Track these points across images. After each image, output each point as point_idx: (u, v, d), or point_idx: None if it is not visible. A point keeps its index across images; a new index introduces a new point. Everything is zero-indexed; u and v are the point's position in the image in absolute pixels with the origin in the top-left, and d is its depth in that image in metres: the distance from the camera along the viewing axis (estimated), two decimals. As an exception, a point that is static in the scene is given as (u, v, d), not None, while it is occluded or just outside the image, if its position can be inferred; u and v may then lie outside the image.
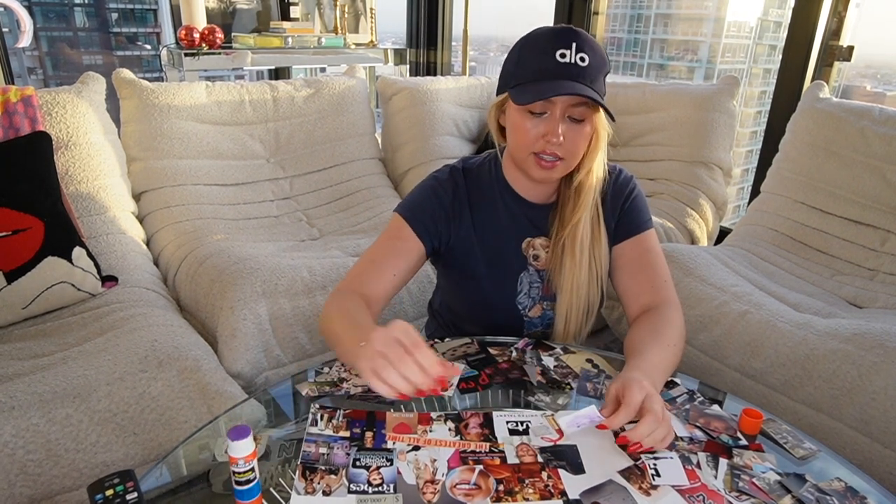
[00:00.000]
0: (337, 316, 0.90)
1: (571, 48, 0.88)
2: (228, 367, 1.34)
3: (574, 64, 0.88)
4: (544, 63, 0.89)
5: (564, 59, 0.88)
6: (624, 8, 13.57)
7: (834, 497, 0.70)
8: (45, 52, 14.69)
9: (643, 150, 2.24)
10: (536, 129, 0.92)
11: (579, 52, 0.88)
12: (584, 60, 0.88)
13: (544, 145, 0.92)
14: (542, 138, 0.92)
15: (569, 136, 0.92)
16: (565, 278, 1.02)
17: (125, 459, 1.05)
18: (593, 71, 0.89)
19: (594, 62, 0.89)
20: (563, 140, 0.91)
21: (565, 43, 0.88)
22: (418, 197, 1.05)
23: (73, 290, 1.36)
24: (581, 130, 0.92)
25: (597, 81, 0.90)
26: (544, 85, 0.88)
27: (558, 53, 0.88)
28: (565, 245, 1.02)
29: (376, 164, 2.31)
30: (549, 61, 0.88)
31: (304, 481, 0.70)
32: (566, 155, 0.93)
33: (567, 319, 1.05)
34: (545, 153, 0.92)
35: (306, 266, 1.52)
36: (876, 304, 1.48)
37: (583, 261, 1.01)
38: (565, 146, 0.92)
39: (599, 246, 1.03)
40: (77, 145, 1.60)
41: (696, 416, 0.84)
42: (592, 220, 1.02)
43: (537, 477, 0.71)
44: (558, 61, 0.88)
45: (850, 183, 1.70)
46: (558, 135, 0.90)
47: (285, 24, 2.89)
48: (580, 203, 1.00)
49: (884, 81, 5.74)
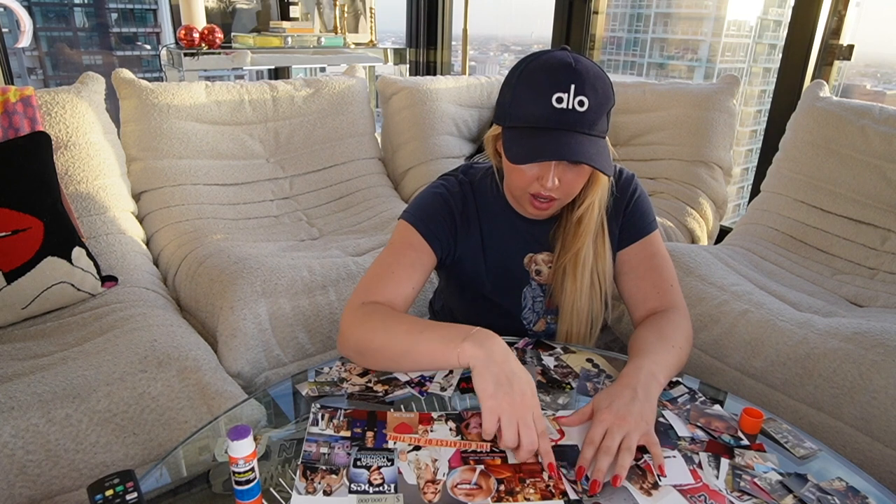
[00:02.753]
0: (389, 324, 0.88)
1: (569, 91, 0.82)
2: (228, 367, 1.34)
3: (571, 110, 0.83)
4: (539, 108, 0.84)
5: (561, 104, 0.82)
6: (624, 7, 13.56)
7: (835, 497, 0.70)
8: (45, 52, 14.70)
9: (643, 149, 2.24)
10: (531, 172, 0.89)
11: (578, 96, 0.82)
12: (582, 105, 0.83)
13: (539, 188, 0.89)
14: (536, 181, 0.89)
15: (564, 179, 0.88)
16: (566, 299, 1.01)
17: (125, 460, 1.04)
18: (593, 115, 0.84)
19: (595, 103, 0.84)
20: (559, 184, 0.88)
21: (563, 86, 0.82)
22: (428, 205, 1.01)
23: (72, 290, 1.36)
24: (577, 173, 0.89)
25: (597, 124, 0.85)
26: (538, 140, 0.84)
27: (555, 98, 0.83)
28: (566, 268, 1.00)
29: (376, 163, 2.31)
30: (545, 107, 0.83)
31: (304, 481, 0.69)
32: (562, 196, 0.91)
33: (569, 335, 1.04)
34: (540, 195, 0.90)
35: (306, 266, 1.52)
36: (876, 303, 1.48)
37: (583, 281, 1.00)
38: (561, 189, 0.89)
39: (603, 261, 1.01)
40: (77, 145, 1.59)
41: (697, 416, 0.84)
42: (597, 235, 1.00)
43: (538, 477, 0.71)
44: (554, 107, 0.83)
45: (851, 182, 1.70)
46: (552, 181, 0.87)
47: (285, 24, 2.89)
48: (581, 232, 0.98)
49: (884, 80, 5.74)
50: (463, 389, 0.88)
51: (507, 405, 0.73)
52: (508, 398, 0.73)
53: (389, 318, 0.89)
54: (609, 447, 0.72)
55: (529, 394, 0.75)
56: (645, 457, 0.75)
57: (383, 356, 0.88)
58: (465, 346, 0.79)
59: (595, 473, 0.70)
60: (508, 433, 0.72)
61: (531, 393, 0.75)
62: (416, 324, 0.88)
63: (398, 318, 0.89)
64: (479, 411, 0.75)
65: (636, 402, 0.77)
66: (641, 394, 0.79)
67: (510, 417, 0.72)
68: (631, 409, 0.76)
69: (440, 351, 0.82)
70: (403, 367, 0.89)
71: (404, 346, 0.86)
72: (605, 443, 0.73)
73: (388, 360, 0.88)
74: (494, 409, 0.73)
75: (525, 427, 0.72)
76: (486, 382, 0.75)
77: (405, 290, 0.96)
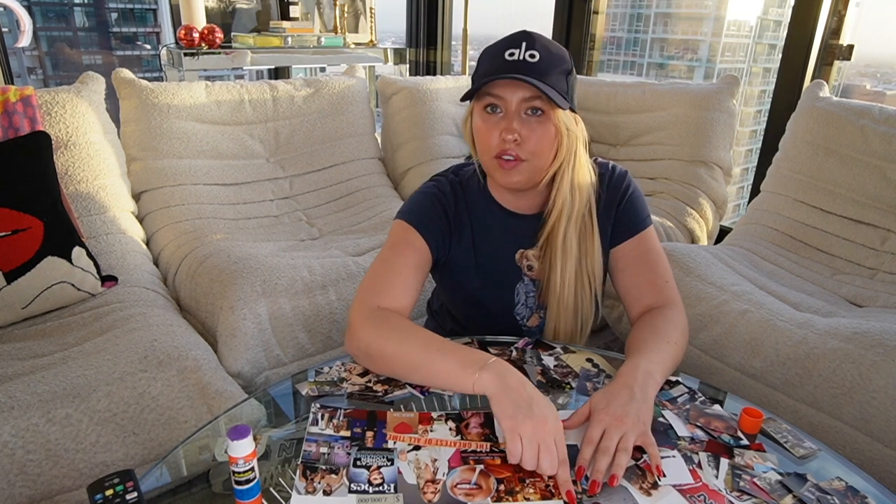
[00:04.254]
0: (404, 334, 0.88)
1: (521, 47, 0.89)
2: (228, 367, 1.34)
3: (522, 60, 0.88)
4: (494, 63, 0.90)
5: (513, 57, 0.88)
6: (624, 7, 13.55)
7: (835, 496, 0.70)
8: (45, 52, 14.70)
9: (643, 149, 2.24)
10: (495, 128, 0.91)
11: (529, 51, 0.88)
12: (533, 57, 0.88)
13: (502, 144, 0.91)
14: (499, 137, 0.91)
15: (526, 133, 0.90)
16: (551, 291, 1.01)
17: (125, 459, 1.04)
18: (544, 66, 0.88)
19: (546, 58, 0.89)
20: (521, 138, 0.90)
21: (515, 44, 0.89)
22: (424, 204, 1.02)
23: (72, 290, 1.36)
24: (540, 127, 0.90)
25: (550, 76, 0.89)
26: (493, 83, 0.89)
27: (507, 53, 0.89)
28: (550, 257, 1.00)
29: (376, 163, 2.31)
30: (498, 60, 0.89)
31: (304, 481, 0.69)
32: (528, 155, 0.91)
33: (556, 330, 1.04)
34: (505, 153, 0.91)
35: (306, 265, 1.52)
36: (876, 303, 1.48)
37: (567, 272, 0.99)
38: (525, 146, 0.90)
39: (591, 258, 1.01)
40: (77, 145, 1.59)
41: (697, 416, 0.84)
42: (585, 230, 1.00)
43: (538, 477, 0.71)
44: (506, 59, 0.89)
45: (851, 182, 1.70)
46: (513, 130, 0.89)
47: (285, 24, 2.89)
48: (560, 215, 0.97)
49: (884, 80, 5.74)
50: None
51: (529, 427, 0.72)
52: (530, 420, 0.72)
53: (405, 329, 0.89)
54: (607, 447, 0.72)
55: (552, 418, 0.73)
56: (644, 457, 0.75)
57: (394, 365, 0.88)
58: (483, 375, 0.78)
59: (594, 474, 0.70)
60: (528, 454, 0.71)
61: (553, 417, 0.73)
62: (432, 340, 0.87)
63: (414, 330, 0.89)
64: (478, 410, 0.75)
65: (633, 402, 0.77)
66: (639, 394, 0.79)
67: (531, 439, 0.71)
68: (628, 409, 0.76)
69: (456, 374, 0.81)
70: (413, 379, 0.88)
71: (419, 360, 0.85)
72: (603, 443, 0.73)
73: (398, 369, 0.88)
74: (515, 430, 0.72)
75: (546, 450, 0.71)
76: (505, 406, 0.74)
77: (411, 292, 0.96)
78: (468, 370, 0.80)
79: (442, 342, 0.87)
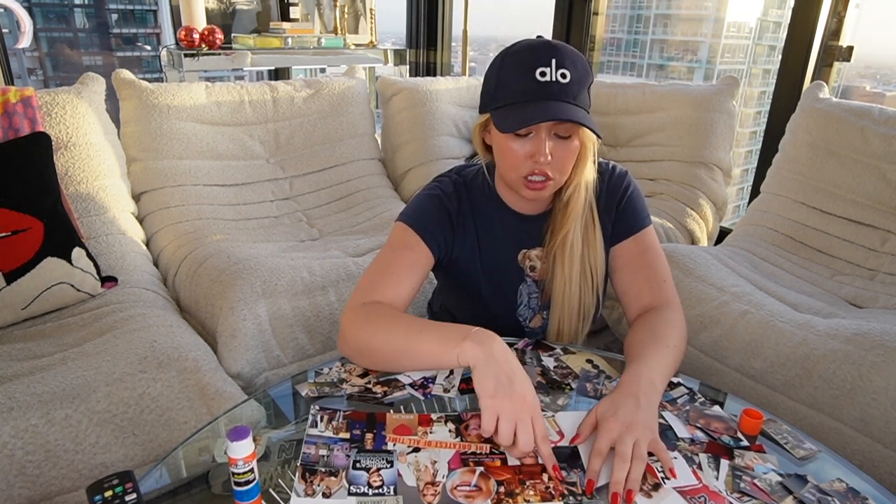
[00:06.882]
0: (389, 324, 0.88)
1: (551, 65, 0.85)
2: (228, 368, 1.34)
3: (555, 82, 0.85)
4: (524, 84, 0.86)
5: (545, 77, 0.85)
6: (624, 8, 13.56)
7: (835, 498, 0.70)
8: (45, 53, 14.71)
9: (643, 150, 2.24)
10: (523, 150, 0.90)
11: (560, 69, 0.85)
12: (565, 77, 0.86)
13: (532, 166, 0.90)
14: (529, 159, 0.90)
15: (556, 153, 0.90)
16: (556, 287, 1.02)
17: (124, 460, 1.04)
18: (575, 87, 0.87)
19: (576, 77, 0.86)
20: (551, 158, 0.90)
21: (544, 60, 0.86)
22: (425, 206, 1.02)
23: (72, 291, 1.36)
24: (568, 147, 0.91)
25: (580, 96, 0.88)
26: (527, 109, 0.86)
27: (538, 72, 0.85)
28: (556, 255, 1.01)
29: (376, 164, 2.31)
30: (530, 81, 0.86)
31: (303, 483, 0.69)
32: (555, 174, 0.92)
33: (560, 328, 1.04)
34: (534, 174, 0.91)
35: (306, 266, 1.52)
36: (876, 304, 1.48)
37: (573, 270, 1.00)
38: (553, 164, 0.90)
39: (594, 251, 1.01)
40: (77, 146, 1.59)
41: (697, 417, 0.84)
42: (587, 225, 1.01)
43: (538, 479, 0.71)
44: (539, 81, 0.85)
45: (850, 183, 1.70)
46: (546, 154, 0.88)
47: (285, 25, 2.89)
48: (568, 215, 0.99)
49: (883, 81, 5.74)
50: (462, 390, 0.88)
51: (507, 405, 0.73)
52: (508, 399, 0.73)
53: (389, 318, 0.90)
54: (624, 453, 0.71)
55: (530, 395, 0.75)
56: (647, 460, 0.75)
57: (382, 355, 0.88)
58: (466, 346, 0.79)
59: (614, 485, 0.69)
60: (505, 431, 0.72)
61: (531, 395, 0.75)
62: (415, 323, 0.88)
63: (398, 317, 0.90)
64: (478, 413, 0.75)
65: (640, 410, 0.77)
66: (644, 402, 0.78)
67: (509, 417, 0.72)
68: (636, 417, 0.75)
69: (440, 350, 0.82)
70: (402, 366, 0.89)
71: (403, 345, 0.86)
72: (619, 449, 0.72)
73: (387, 359, 0.89)
74: (493, 409, 0.73)
75: (523, 428, 0.72)
76: (486, 381, 0.75)
77: (404, 290, 0.97)
78: (451, 344, 0.81)
79: (424, 324, 0.87)
